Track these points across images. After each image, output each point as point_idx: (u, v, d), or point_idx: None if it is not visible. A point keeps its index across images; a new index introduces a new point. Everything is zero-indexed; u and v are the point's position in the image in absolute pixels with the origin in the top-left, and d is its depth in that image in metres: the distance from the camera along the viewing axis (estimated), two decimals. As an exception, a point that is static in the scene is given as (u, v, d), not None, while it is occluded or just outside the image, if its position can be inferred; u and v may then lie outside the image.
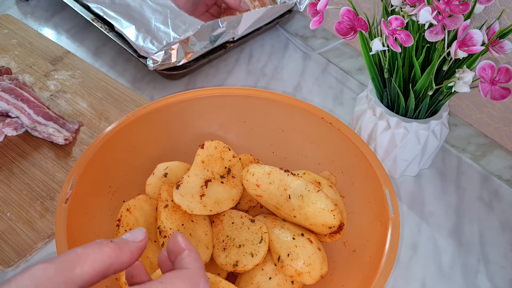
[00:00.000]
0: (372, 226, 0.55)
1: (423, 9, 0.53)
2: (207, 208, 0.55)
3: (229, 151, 0.60)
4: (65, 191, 0.52)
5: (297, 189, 0.54)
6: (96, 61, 0.91)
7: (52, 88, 0.82)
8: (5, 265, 0.59)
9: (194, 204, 0.55)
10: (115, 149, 0.59)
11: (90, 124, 0.77)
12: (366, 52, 0.63)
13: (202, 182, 0.57)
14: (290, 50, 0.95)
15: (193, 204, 0.55)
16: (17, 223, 0.63)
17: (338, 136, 0.60)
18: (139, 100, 0.80)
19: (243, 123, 0.66)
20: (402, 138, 0.67)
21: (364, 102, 0.72)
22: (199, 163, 0.58)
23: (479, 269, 0.64)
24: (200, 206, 0.55)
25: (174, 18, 0.87)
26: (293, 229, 0.54)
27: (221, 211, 0.56)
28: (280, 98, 0.64)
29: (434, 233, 0.68)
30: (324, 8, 0.58)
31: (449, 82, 0.58)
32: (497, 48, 0.56)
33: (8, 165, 0.70)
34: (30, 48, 0.89)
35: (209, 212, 0.55)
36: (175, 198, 0.54)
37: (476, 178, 0.74)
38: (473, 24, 0.67)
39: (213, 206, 0.56)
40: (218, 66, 0.91)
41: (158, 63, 0.79)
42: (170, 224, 0.53)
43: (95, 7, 0.89)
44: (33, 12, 1.01)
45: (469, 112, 0.75)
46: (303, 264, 0.51)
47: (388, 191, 0.54)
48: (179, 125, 0.65)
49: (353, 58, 0.89)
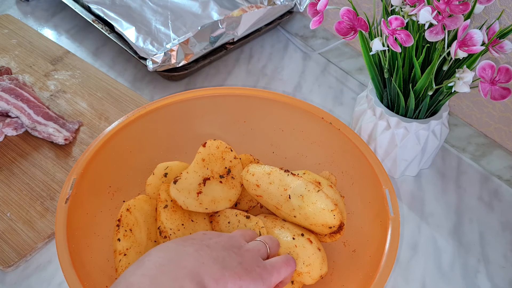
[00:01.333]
0: (372, 226, 0.55)
1: (423, 9, 0.53)
2: (203, 205, 0.55)
3: (230, 152, 0.60)
4: (65, 191, 0.52)
5: (297, 189, 0.54)
6: (96, 61, 0.91)
7: (52, 88, 0.82)
8: (5, 265, 0.59)
9: (190, 200, 0.55)
10: (115, 149, 0.59)
11: (90, 124, 0.77)
12: (366, 52, 0.63)
13: (201, 180, 0.57)
14: (290, 50, 0.95)
15: (189, 200, 0.55)
16: (17, 223, 0.63)
17: (338, 136, 0.60)
18: (139, 100, 0.80)
19: (243, 123, 0.66)
20: (402, 138, 0.67)
21: (364, 102, 0.72)
22: (199, 161, 0.58)
23: (479, 269, 0.64)
24: (196, 203, 0.55)
25: (174, 20, 0.87)
26: (293, 229, 0.54)
27: (217, 210, 0.56)
28: (280, 98, 0.64)
29: (434, 233, 0.68)
30: (324, 8, 0.58)
31: (449, 82, 0.58)
32: (497, 48, 0.56)
33: (8, 165, 0.70)
34: (30, 48, 0.89)
35: (205, 210, 0.55)
36: (172, 193, 0.54)
37: (476, 178, 0.74)
38: (473, 24, 0.67)
39: (209, 205, 0.56)
40: (218, 66, 0.91)
41: (157, 64, 0.79)
42: (170, 224, 0.53)
43: (96, 8, 0.89)
44: (33, 12, 1.01)
45: (469, 112, 0.75)
46: (303, 264, 0.51)
47: (388, 191, 0.54)
48: (179, 125, 0.65)
49: (353, 58, 0.89)
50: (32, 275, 0.61)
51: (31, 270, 0.61)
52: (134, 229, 0.54)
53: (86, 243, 0.52)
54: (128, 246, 0.53)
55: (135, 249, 0.53)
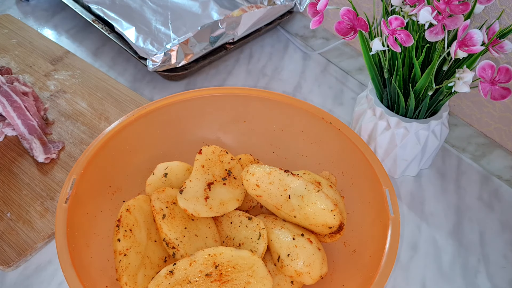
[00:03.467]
0: (372, 226, 0.55)
1: (423, 9, 0.53)
2: (213, 209, 0.55)
3: (226, 154, 0.61)
4: (65, 191, 0.52)
5: (297, 189, 0.54)
6: (96, 61, 0.91)
7: (52, 88, 0.82)
8: (5, 265, 0.59)
9: (200, 207, 0.55)
10: (115, 149, 0.59)
11: (90, 124, 0.77)
12: (366, 52, 0.63)
13: (205, 185, 0.57)
14: (290, 50, 0.95)
15: (198, 207, 0.55)
16: (17, 223, 0.63)
17: (338, 136, 0.60)
18: (139, 100, 0.80)
19: (243, 123, 0.66)
20: (402, 138, 0.67)
21: (364, 102, 0.72)
22: (199, 167, 0.59)
23: (479, 269, 0.64)
24: (206, 209, 0.55)
25: (174, 20, 0.87)
26: (293, 229, 0.54)
27: (227, 211, 0.56)
28: (280, 98, 0.64)
29: (434, 233, 0.68)
30: (324, 8, 0.58)
31: (449, 82, 0.58)
32: (497, 48, 0.56)
33: (8, 165, 0.70)
34: (30, 48, 0.89)
35: (216, 213, 0.55)
36: (180, 203, 0.54)
37: (476, 178, 0.74)
38: (473, 24, 0.67)
39: (219, 208, 0.56)
40: (218, 66, 0.91)
41: (157, 64, 0.79)
42: (174, 234, 0.53)
43: (96, 8, 0.89)
44: (33, 12, 1.01)
45: (469, 112, 0.75)
46: (303, 264, 0.51)
47: (388, 191, 0.54)
48: (179, 125, 0.65)
49: (353, 58, 0.89)
50: (32, 275, 0.61)
51: (31, 270, 0.61)
52: (134, 229, 0.54)
53: (86, 243, 0.52)
54: (128, 246, 0.53)
55: (135, 249, 0.53)
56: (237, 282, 0.48)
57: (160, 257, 0.54)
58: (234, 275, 0.49)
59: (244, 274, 0.49)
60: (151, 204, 0.55)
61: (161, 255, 0.54)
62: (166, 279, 0.48)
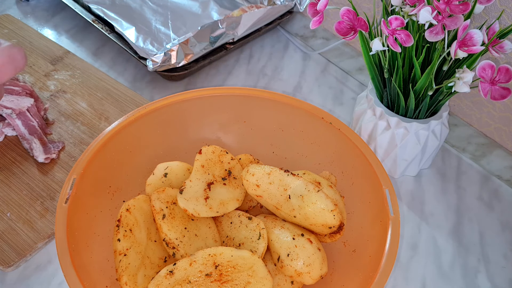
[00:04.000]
0: (372, 226, 0.55)
1: (423, 9, 0.53)
2: (213, 209, 0.55)
3: (226, 154, 0.61)
4: (65, 191, 0.52)
5: (297, 189, 0.54)
6: (96, 61, 0.91)
7: (52, 88, 0.82)
8: (5, 265, 0.59)
9: (200, 207, 0.55)
10: (115, 149, 0.59)
11: (90, 124, 0.77)
12: (366, 52, 0.63)
13: (205, 185, 0.57)
14: (290, 50, 0.95)
15: (198, 207, 0.55)
16: (17, 223, 0.63)
17: (338, 136, 0.60)
18: (139, 100, 0.80)
19: (243, 123, 0.66)
20: (402, 138, 0.67)
21: (364, 102, 0.72)
22: (199, 167, 0.59)
23: (479, 269, 0.64)
24: (206, 209, 0.55)
25: (174, 20, 0.87)
26: (293, 229, 0.54)
27: (227, 211, 0.56)
28: (280, 98, 0.64)
29: (434, 233, 0.68)
30: (324, 8, 0.58)
31: (449, 82, 0.58)
32: (497, 48, 0.56)
33: (8, 165, 0.70)
34: (30, 48, 0.89)
35: (216, 213, 0.55)
36: (180, 203, 0.54)
37: (476, 178, 0.74)
38: (473, 24, 0.67)
39: (219, 208, 0.56)
40: (218, 66, 0.91)
41: (157, 64, 0.79)
42: (174, 234, 0.53)
43: (96, 8, 0.89)
44: (33, 12, 1.01)
45: (469, 112, 0.75)
46: (303, 264, 0.51)
47: (388, 191, 0.54)
48: (179, 125, 0.65)
49: (353, 58, 0.89)
50: (32, 275, 0.61)
51: (31, 270, 0.61)
52: (134, 229, 0.54)
53: (86, 243, 0.52)
54: (128, 246, 0.53)
55: (135, 249, 0.53)
56: (237, 282, 0.48)
57: (160, 257, 0.54)
58: (234, 275, 0.49)
59: (244, 274, 0.49)
60: (151, 204, 0.55)
61: (161, 255, 0.54)
62: (166, 279, 0.48)
